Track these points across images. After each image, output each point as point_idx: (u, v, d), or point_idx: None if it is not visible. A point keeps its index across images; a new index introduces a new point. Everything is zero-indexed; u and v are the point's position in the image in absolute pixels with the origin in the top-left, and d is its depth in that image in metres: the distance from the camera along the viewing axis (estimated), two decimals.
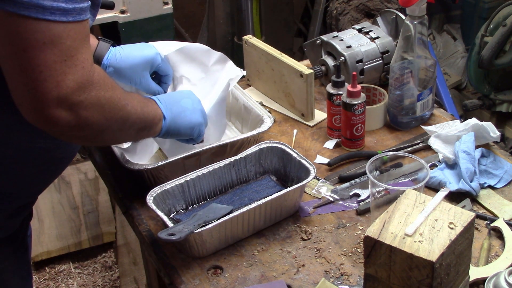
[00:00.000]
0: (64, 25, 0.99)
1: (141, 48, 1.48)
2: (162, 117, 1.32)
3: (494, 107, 3.00)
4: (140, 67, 1.45)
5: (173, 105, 1.36)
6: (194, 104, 1.41)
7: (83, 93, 1.04)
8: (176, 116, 1.35)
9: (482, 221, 1.37)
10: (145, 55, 1.46)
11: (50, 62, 0.99)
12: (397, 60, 1.60)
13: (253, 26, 3.27)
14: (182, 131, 1.38)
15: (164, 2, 2.52)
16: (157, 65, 1.48)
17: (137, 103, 1.22)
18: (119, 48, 1.46)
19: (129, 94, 1.21)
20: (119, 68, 1.43)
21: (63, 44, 0.99)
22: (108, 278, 2.71)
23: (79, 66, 1.02)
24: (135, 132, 1.25)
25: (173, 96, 1.40)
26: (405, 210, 1.05)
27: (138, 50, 1.47)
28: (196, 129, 1.40)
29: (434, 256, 0.96)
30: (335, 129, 1.63)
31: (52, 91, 1.00)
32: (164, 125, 1.33)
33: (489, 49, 2.74)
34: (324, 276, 1.25)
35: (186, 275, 1.27)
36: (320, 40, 1.78)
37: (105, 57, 1.43)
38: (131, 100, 1.19)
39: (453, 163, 1.48)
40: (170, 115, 1.34)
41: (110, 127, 1.14)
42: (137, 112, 1.21)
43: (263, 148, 1.45)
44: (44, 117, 1.02)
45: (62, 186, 2.77)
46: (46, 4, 0.96)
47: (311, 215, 1.41)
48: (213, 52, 1.69)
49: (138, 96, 1.28)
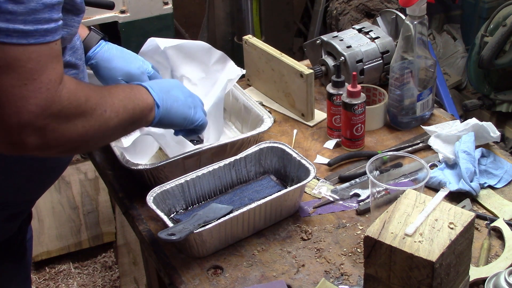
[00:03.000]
0: (23, 47, 0.94)
1: (130, 61, 1.48)
2: (155, 106, 1.26)
3: (494, 107, 3.00)
4: (118, 74, 1.45)
5: (165, 95, 1.30)
6: (184, 92, 1.36)
7: (49, 116, 0.98)
8: (168, 106, 1.29)
9: (482, 221, 1.37)
10: (128, 68, 1.46)
11: (7, 87, 0.94)
12: (397, 60, 1.60)
13: (253, 26, 3.26)
14: (175, 120, 1.32)
15: (164, 2, 2.52)
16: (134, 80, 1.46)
17: (120, 102, 1.15)
18: (111, 48, 1.46)
19: (110, 94, 1.14)
20: (100, 65, 1.44)
21: (23, 67, 0.95)
22: (108, 278, 2.71)
23: (43, 88, 0.97)
24: (122, 129, 1.21)
25: (164, 85, 1.33)
26: (405, 210, 1.05)
27: (126, 61, 1.47)
28: (189, 118, 1.34)
29: (434, 256, 0.96)
30: (335, 129, 1.63)
31: (12, 118, 0.95)
32: (157, 114, 1.27)
33: (489, 49, 2.74)
34: (324, 276, 1.25)
35: (186, 275, 1.27)
36: (320, 40, 1.78)
37: (92, 49, 1.43)
38: (112, 102, 1.13)
39: (453, 163, 1.48)
40: (163, 104, 1.28)
41: (87, 141, 1.09)
42: (119, 113, 1.14)
43: (263, 148, 1.45)
44: (10, 143, 0.98)
45: (62, 186, 2.77)
46: (0, 26, 0.91)
47: (311, 215, 1.41)
48: (214, 50, 1.69)
49: (124, 90, 1.21)
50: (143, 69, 1.48)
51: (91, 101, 1.07)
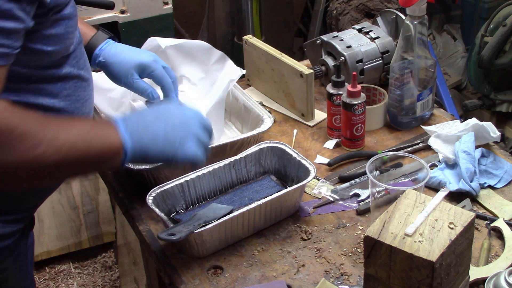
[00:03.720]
0: None
1: (139, 52, 1.45)
2: (122, 149, 1.09)
3: (494, 107, 3.00)
4: (130, 66, 1.42)
5: (143, 133, 1.11)
6: (170, 127, 1.15)
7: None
8: (144, 147, 1.11)
9: (482, 221, 1.37)
10: (139, 58, 1.42)
11: None
12: (397, 60, 1.60)
13: (253, 26, 3.27)
14: (155, 161, 1.18)
15: (164, 2, 2.52)
16: (150, 72, 1.43)
17: (67, 139, 1.03)
18: (118, 44, 1.44)
19: (56, 129, 1.03)
20: (108, 61, 1.41)
21: None
22: (108, 278, 2.71)
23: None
24: (71, 169, 1.08)
25: (146, 119, 1.14)
26: (405, 210, 1.05)
27: (134, 51, 1.44)
28: (172, 158, 1.15)
29: (434, 256, 0.96)
30: (335, 129, 1.63)
31: None
32: (126, 158, 1.10)
33: (489, 49, 2.74)
34: (324, 276, 1.25)
35: (186, 275, 1.27)
36: (320, 40, 1.78)
37: (99, 47, 1.41)
38: (54, 137, 1.01)
39: (453, 163, 1.48)
40: (135, 145, 1.10)
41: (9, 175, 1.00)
42: (62, 151, 1.01)
43: (263, 148, 1.45)
44: None
45: (62, 186, 2.77)
46: None
47: (311, 215, 1.41)
48: (214, 50, 1.69)
49: (82, 126, 1.07)
50: (155, 57, 1.45)
51: (16, 133, 0.97)
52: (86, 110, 1.27)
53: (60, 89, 1.18)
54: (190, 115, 1.18)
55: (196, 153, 1.16)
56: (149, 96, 1.45)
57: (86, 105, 1.26)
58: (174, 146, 1.13)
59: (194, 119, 1.18)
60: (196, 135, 1.16)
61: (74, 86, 1.21)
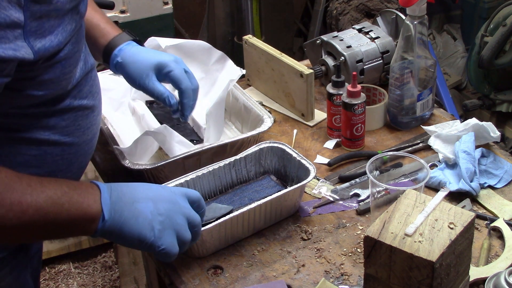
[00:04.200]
0: None
1: (160, 52, 1.39)
2: (100, 219, 1.02)
3: (494, 107, 3.00)
4: (147, 65, 1.34)
5: (125, 207, 1.05)
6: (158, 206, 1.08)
7: None
8: (123, 222, 1.04)
9: (482, 221, 1.37)
10: (158, 57, 1.35)
11: None
12: (397, 60, 1.60)
13: (253, 26, 3.27)
14: (127, 240, 1.07)
15: (164, 2, 2.53)
16: (168, 71, 1.35)
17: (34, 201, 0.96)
18: (139, 46, 1.39)
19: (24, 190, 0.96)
20: (125, 62, 1.35)
21: None
22: (108, 278, 2.71)
23: None
24: (37, 232, 1.01)
25: (133, 192, 1.08)
26: (405, 210, 1.05)
27: (155, 52, 1.38)
28: (148, 243, 1.07)
29: (434, 256, 0.96)
30: (335, 129, 1.63)
31: None
32: (101, 228, 1.03)
33: (489, 49, 2.74)
34: (324, 276, 1.25)
35: (186, 275, 1.27)
36: (320, 40, 1.78)
37: (118, 47, 1.36)
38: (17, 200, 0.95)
39: (453, 163, 1.48)
40: (115, 218, 1.03)
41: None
42: (26, 214, 0.95)
43: (263, 148, 1.45)
44: None
45: None
46: None
47: (311, 215, 1.41)
48: (214, 50, 1.69)
49: (58, 188, 1.00)
50: (177, 58, 1.37)
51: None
52: (89, 137, 1.22)
53: (56, 122, 1.13)
54: (181, 204, 1.12)
55: (170, 247, 1.09)
56: (165, 101, 1.35)
57: (89, 132, 1.21)
58: (151, 233, 1.07)
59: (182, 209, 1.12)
60: (178, 229, 1.10)
61: (73, 117, 1.16)
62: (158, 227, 1.07)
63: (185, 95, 1.36)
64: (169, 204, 1.10)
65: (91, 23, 1.37)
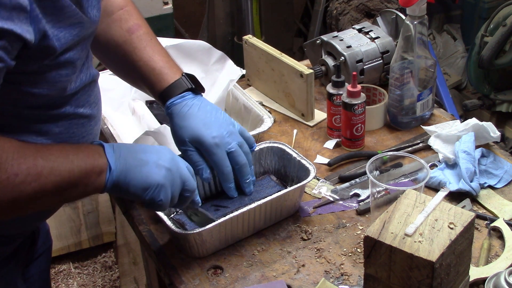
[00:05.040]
0: None
1: (209, 124, 1.27)
2: (107, 169, 1.08)
3: (494, 107, 3.00)
4: (187, 135, 1.27)
5: (129, 156, 1.10)
6: (161, 160, 1.13)
7: None
8: (128, 169, 1.09)
9: (482, 221, 1.37)
10: (201, 132, 1.26)
11: None
12: (397, 60, 1.60)
13: (253, 26, 3.27)
14: (131, 189, 1.11)
15: (164, 2, 2.53)
16: (207, 155, 1.27)
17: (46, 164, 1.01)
18: (195, 104, 1.29)
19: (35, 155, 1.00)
20: (173, 121, 1.28)
21: None
22: (108, 278, 2.71)
23: None
24: (52, 195, 1.04)
25: (136, 147, 1.15)
26: (405, 210, 1.05)
27: (204, 123, 1.27)
28: (151, 190, 1.12)
29: (434, 256, 0.96)
30: (335, 129, 1.63)
31: None
32: (109, 178, 1.08)
33: (489, 49, 2.74)
34: (324, 276, 1.25)
35: (186, 275, 1.27)
36: (320, 40, 1.78)
37: (171, 99, 1.29)
38: (32, 164, 0.99)
39: (453, 163, 1.48)
40: (120, 167, 1.09)
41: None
42: (42, 177, 1.00)
43: (263, 148, 1.45)
44: None
45: None
46: None
47: (311, 215, 1.41)
48: (214, 50, 1.69)
49: (63, 150, 1.05)
50: (222, 141, 1.27)
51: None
52: None
53: (50, 128, 1.13)
54: (180, 165, 1.16)
55: (167, 200, 1.15)
56: (199, 172, 1.29)
57: (84, 141, 1.20)
58: (159, 178, 1.12)
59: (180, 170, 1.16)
60: (175, 186, 1.15)
61: (68, 124, 1.15)
62: (167, 174, 1.13)
63: (222, 180, 1.31)
64: (172, 161, 1.15)
65: (148, 66, 1.33)
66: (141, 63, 1.32)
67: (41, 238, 1.44)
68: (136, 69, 1.33)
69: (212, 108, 1.31)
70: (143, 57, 1.33)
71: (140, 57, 1.33)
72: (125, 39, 1.34)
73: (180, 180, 1.16)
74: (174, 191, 1.15)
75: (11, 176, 0.97)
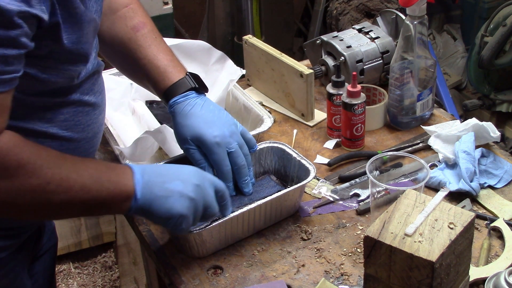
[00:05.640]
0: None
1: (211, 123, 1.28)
2: (133, 197, 1.09)
3: (494, 107, 3.00)
4: (189, 134, 1.28)
5: (155, 185, 1.12)
6: (186, 189, 1.14)
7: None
8: (153, 199, 1.11)
9: (482, 221, 1.37)
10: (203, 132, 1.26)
11: None
12: (397, 60, 1.60)
13: (253, 26, 3.27)
14: (154, 218, 1.14)
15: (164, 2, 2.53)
16: (208, 154, 1.28)
17: (78, 179, 1.03)
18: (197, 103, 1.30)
19: (69, 168, 1.03)
20: (176, 120, 1.29)
21: None
22: (108, 278, 2.71)
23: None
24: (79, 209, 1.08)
25: (163, 172, 1.15)
26: (405, 210, 1.05)
27: (205, 121, 1.27)
28: (174, 220, 1.14)
29: (434, 256, 0.96)
30: (335, 129, 1.63)
31: None
32: (133, 205, 1.10)
33: (489, 49, 2.74)
34: (324, 276, 1.25)
35: (186, 275, 1.27)
36: (320, 40, 1.78)
37: (174, 98, 1.29)
38: (65, 177, 1.02)
39: (453, 163, 1.48)
40: (146, 196, 1.11)
41: (14, 206, 1.00)
42: (72, 191, 1.02)
43: (263, 148, 1.45)
44: None
45: None
46: None
47: (311, 215, 1.41)
48: (214, 50, 1.69)
49: (97, 168, 1.08)
50: (223, 141, 1.27)
51: (26, 168, 0.98)
52: (89, 135, 1.22)
53: (54, 115, 1.14)
54: (207, 191, 1.18)
55: (188, 226, 1.17)
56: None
57: (89, 130, 1.21)
58: (180, 211, 1.14)
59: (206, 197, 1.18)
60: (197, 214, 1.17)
61: (73, 112, 1.17)
62: (190, 204, 1.14)
63: (224, 177, 1.30)
64: (196, 188, 1.16)
65: (152, 64, 1.33)
66: (146, 61, 1.33)
67: (47, 234, 1.45)
68: (141, 67, 1.34)
69: (215, 108, 1.31)
70: (148, 55, 1.33)
71: (145, 55, 1.34)
72: (129, 36, 1.35)
73: (203, 207, 1.18)
74: (196, 217, 1.18)
75: (43, 183, 0.99)
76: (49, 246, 1.46)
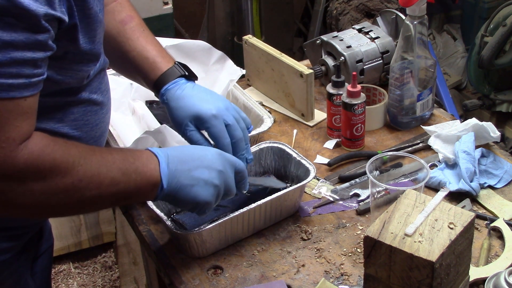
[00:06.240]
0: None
1: (203, 100, 1.28)
2: (159, 186, 1.12)
3: (494, 107, 3.00)
4: (186, 115, 1.27)
5: (182, 174, 1.14)
6: (211, 176, 1.16)
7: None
8: (179, 188, 1.14)
9: (482, 221, 1.36)
10: (198, 108, 1.26)
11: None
12: (397, 60, 1.60)
13: (253, 26, 3.27)
14: (180, 204, 1.19)
15: (164, 2, 2.53)
16: (206, 127, 1.27)
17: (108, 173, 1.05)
18: (186, 86, 1.31)
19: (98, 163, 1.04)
20: (170, 105, 1.30)
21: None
22: (108, 278, 2.71)
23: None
24: (109, 202, 1.12)
25: (188, 158, 1.16)
26: (405, 210, 1.05)
27: (197, 99, 1.28)
28: (199, 207, 1.18)
29: (434, 256, 0.96)
30: (335, 129, 1.63)
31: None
32: (160, 194, 1.13)
33: (489, 49, 2.74)
34: (324, 276, 1.25)
35: (186, 275, 1.27)
36: (320, 40, 1.78)
37: (166, 86, 1.30)
38: (96, 172, 1.03)
39: (453, 163, 1.48)
40: (172, 185, 1.13)
41: (50, 207, 1.02)
42: (103, 185, 1.04)
43: (263, 148, 1.45)
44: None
45: None
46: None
47: (311, 215, 1.41)
48: (214, 50, 1.69)
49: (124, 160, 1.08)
50: (219, 113, 1.26)
51: (59, 168, 0.98)
52: (97, 134, 1.23)
53: (66, 114, 1.15)
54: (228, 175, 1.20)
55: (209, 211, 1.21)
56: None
57: (97, 129, 1.22)
58: (208, 197, 1.17)
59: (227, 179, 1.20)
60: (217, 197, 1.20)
61: (82, 111, 1.17)
62: (214, 191, 1.17)
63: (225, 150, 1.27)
64: (220, 174, 1.18)
65: (141, 56, 1.34)
66: (135, 53, 1.34)
67: (45, 235, 1.45)
68: (130, 59, 1.35)
69: (206, 89, 1.33)
70: (136, 47, 1.35)
71: (134, 47, 1.35)
72: (118, 30, 1.36)
73: (224, 190, 1.21)
74: (217, 201, 1.21)
75: (76, 181, 1.00)
76: (46, 247, 1.46)
